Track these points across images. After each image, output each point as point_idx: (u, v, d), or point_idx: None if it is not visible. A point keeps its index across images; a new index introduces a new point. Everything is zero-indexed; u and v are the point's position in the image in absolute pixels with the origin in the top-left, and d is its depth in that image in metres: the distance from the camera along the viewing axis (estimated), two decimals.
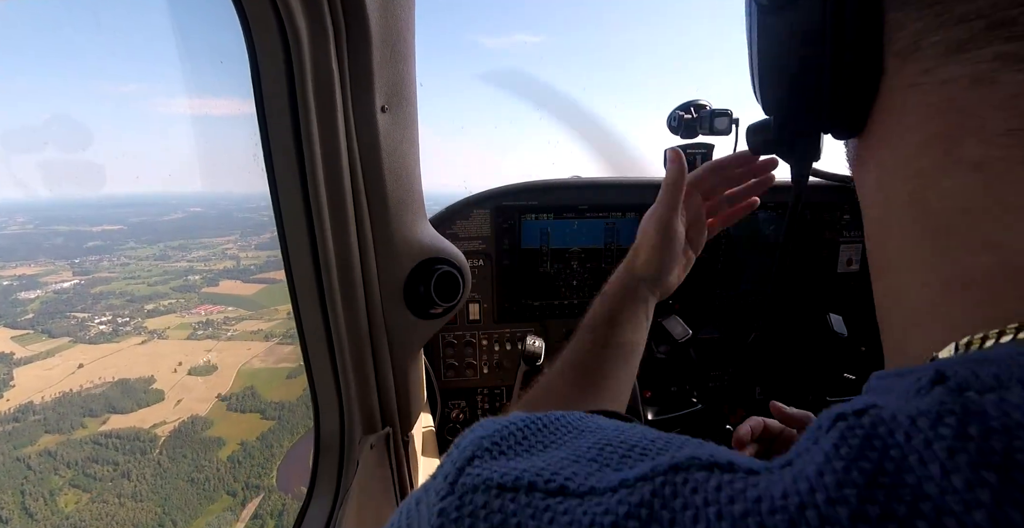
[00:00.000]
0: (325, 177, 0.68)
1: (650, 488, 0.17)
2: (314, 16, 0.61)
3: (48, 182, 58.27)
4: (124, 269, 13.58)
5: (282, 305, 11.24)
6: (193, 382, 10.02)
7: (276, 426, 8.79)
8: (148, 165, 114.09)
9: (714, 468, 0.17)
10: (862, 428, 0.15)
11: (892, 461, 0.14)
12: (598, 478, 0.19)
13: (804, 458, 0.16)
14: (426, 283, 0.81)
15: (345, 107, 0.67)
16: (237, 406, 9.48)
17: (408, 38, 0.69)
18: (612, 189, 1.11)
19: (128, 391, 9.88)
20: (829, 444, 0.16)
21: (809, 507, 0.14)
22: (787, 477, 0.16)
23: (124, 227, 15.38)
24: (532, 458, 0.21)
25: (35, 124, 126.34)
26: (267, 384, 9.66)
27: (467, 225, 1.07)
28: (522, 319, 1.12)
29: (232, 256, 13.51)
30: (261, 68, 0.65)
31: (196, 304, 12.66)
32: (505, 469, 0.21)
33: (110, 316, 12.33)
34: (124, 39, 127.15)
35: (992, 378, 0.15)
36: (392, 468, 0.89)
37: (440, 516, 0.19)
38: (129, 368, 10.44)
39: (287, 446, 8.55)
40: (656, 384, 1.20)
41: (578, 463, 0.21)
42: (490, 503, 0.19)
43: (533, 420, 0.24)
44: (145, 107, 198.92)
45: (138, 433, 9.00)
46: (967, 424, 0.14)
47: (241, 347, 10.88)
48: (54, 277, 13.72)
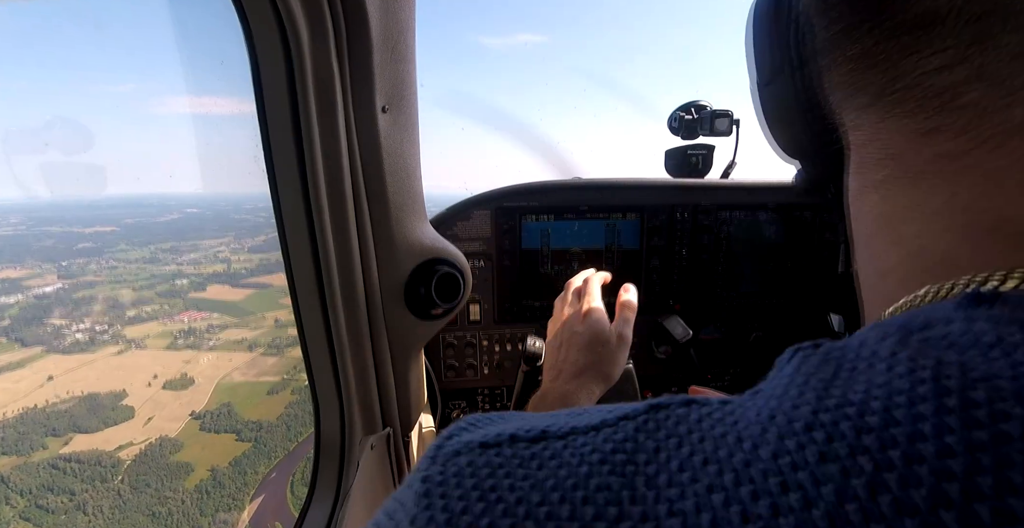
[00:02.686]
0: (325, 178, 0.68)
1: (633, 425, 0.19)
2: (314, 16, 0.61)
3: (44, 182, 57.61)
4: (111, 272, 13.04)
5: (270, 311, 10.89)
6: (167, 398, 9.25)
7: (251, 450, 7.95)
8: (147, 166, 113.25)
9: (691, 404, 0.19)
10: (816, 353, 0.18)
11: (845, 370, 0.16)
12: (577, 420, 0.20)
13: (770, 383, 0.18)
14: (427, 284, 0.80)
15: (346, 108, 0.66)
16: (211, 425, 8.65)
17: (409, 38, 0.69)
18: (613, 190, 1.11)
19: (96, 407, 9.08)
20: (790, 368, 0.18)
21: (778, 414, 0.16)
22: (758, 399, 0.18)
23: (117, 228, 14.98)
24: (510, 422, 0.23)
25: (34, 124, 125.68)
26: (246, 400, 8.90)
27: (468, 226, 1.07)
28: (522, 320, 1.12)
29: (224, 259, 13.07)
30: (261, 68, 0.65)
31: (180, 310, 12.16)
32: (486, 432, 0.21)
33: (89, 323, 11.77)
34: (123, 38, 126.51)
35: (922, 320, 0.18)
36: (392, 469, 0.89)
37: (425, 482, 0.19)
38: (101, 381, 9.64)
39: (262, 472, 7.66)
40: (656, 384, 1.20)
41: (555, 417, 0.22)
42: (474, 462, 0.19)
43: (508, 412, 0.26)
44: (144, 107, 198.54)
45: (100, 457, 8.16)
46: (907, 337, 0.17)
47: (222, 358, 10.18)
48: (38, 280, 13.16)
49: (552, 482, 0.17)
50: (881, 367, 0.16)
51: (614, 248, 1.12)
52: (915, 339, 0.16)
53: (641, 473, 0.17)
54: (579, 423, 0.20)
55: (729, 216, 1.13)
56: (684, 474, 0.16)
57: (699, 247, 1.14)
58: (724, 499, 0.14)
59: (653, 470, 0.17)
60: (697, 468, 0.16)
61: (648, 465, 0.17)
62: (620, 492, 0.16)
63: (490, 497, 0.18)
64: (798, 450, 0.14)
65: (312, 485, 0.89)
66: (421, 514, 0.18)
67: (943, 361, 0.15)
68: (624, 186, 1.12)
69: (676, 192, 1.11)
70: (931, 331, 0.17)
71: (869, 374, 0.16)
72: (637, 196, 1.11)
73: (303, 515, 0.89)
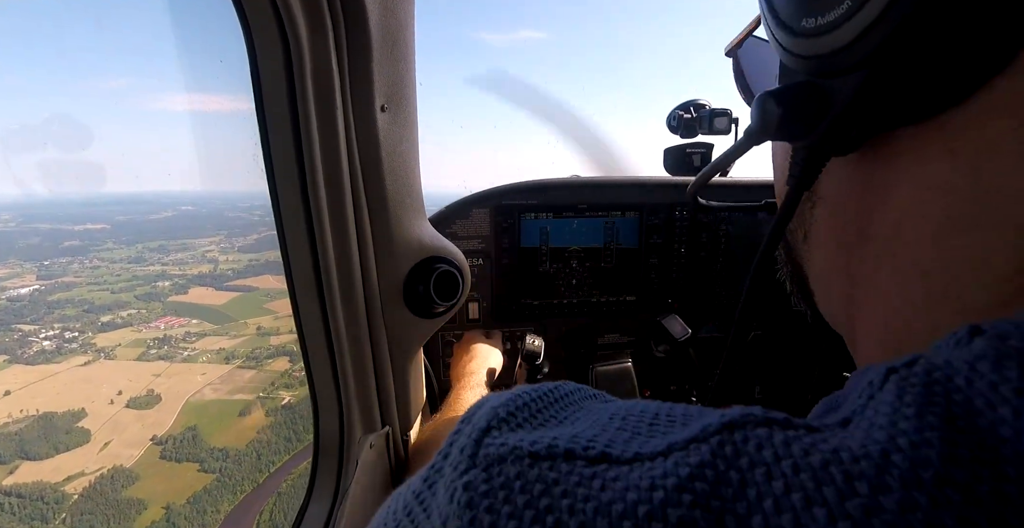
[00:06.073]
0: (324, 176, 0.68)
1: (708, 448, 0.16)
2: (313, 13, 0.60)
3: (39, 179, 56.45)
4: (92, 273, 12.07)
5: (253, 318, 10.15)
6: (129, 418, 8.26)
7: (215, 483, 6.87)
8: (145, 163, 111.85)
9: (772, 424, 0.16)
10: (916, 376, 0.15)
11: (958, 405, 0.14)
12: (639, 444, 0.18)
13: (867, 412, 0.15)
14: (425, 282, 0.80)
15: (345, 106, 0.66)
16: (172, 453, 7.63)
17: (408, 37, 0.69)
18: (611, 188, 1.11)
19: (50, 430, 7.98)
20: (891, 395, 0.15)
21: (894, 452, 0.13)
22: (857, 430, 0.15)
23: (108, 226, 14.34)
24: (555, 429, 0.20)
25: (30, 121, 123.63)
26: (214, 423, 7.92)
27: (466, 224, 1.07)
28: (521, 318, 1.12)
29: (211, 259, 12.36)
30: (260, 67, 0.64)
31: (158, 315, 11.22)
32: (533, 438, 0.19)
33: (58, 330, 10.67)
34: (123, 37, 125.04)
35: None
36: (392, 467, 0.89)
37: (467, 490, 0.17)
38: (61, 397, 8.61)
39: (225, 511, 6.51)
40: (655, 383, 1.20)
41: (607, 432, 0.19)
42: (524, 473, 0.17)
43: (543, 392, 0.23)
44: (143, 105, 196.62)
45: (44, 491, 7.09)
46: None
47: (195, 371, 9.16)
48: (16, 281, 12.09)
49: (620, 507, 0.15)
50: (1006, 412, 0.13)
51: (613, 246, 1.13)
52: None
53: (730, 511, 0.14)
54: (643, 449, 0.17)
55: (728, 215, 1.13)
56: (784, 517, 0.13)
57: (698, 245, 1.14)
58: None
59: (744, 509, 0.14)
60: (799, 509, 0.13)
61: (737, 502, 0.14)
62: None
63: (547, 520, 0.15)
64: (932, 508, 0.12)
65: (311, 483, 0.89)
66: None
67: None
68: (623, 184, 1.12)
69: (675, 190, 1.11)
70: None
71: (994, 417, 0.13)
72: (636, 194, 1.11)
73: (302, 513, 0.89)
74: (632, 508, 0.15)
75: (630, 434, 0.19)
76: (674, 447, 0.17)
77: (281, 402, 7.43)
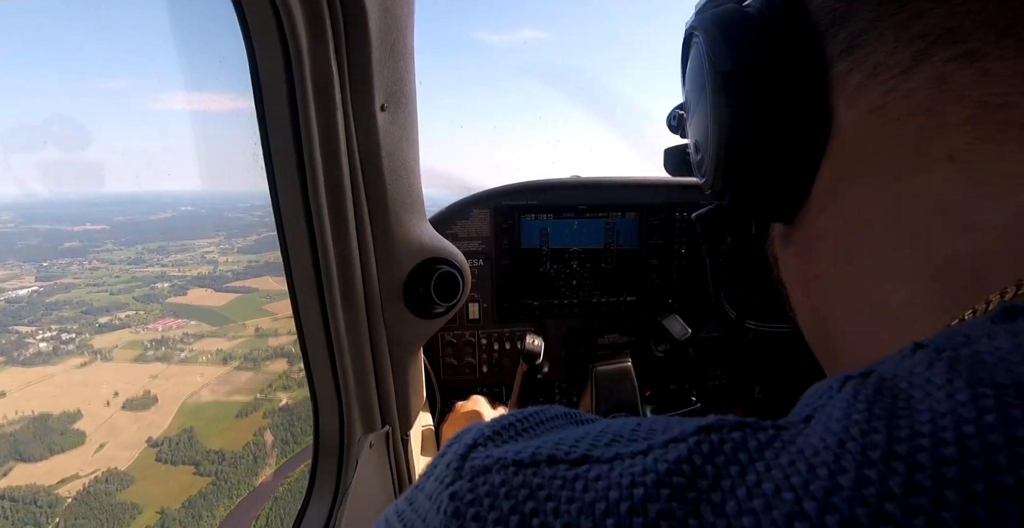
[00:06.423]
0: (325, 176, 0.68)
1: (685, 447, 0.17)
2: (314, 15, 0.60)
3: (39, 179, 56.34)
4: (91, 274, 12.10)
5: (252, 319, 9.86)
6: (125, 420, 8.13)
7: (210, 486, 6.73)
8: (145, 163, 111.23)
9: (744, 427, 0.18)
10: (870, 381, 0.17)
11: (901, 400, 0.16)
12: (620, 446, 0.19)
13: (825, 410, 0.17)
14: (426, 283, 0.80)
15: (344, 106, 0.66)
16: (168, 455, 7.35)
17: (408, 37, 0.69)
18: (612, 189, 1.11)
19: (45, 431, 7.79)
20: (847, 394, 0.17)
21: (848, 441, 0.15)
22: (818, 426, 0.17)
23: (107, 226, 14.31)
24: (540, 439, 0.20)
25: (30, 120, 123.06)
26: (211, 425, 7.83)
27: (467, 225, 1.07)
28: (521, 319, 1.12)
29: (211, 260, 12.36)
30: (260, 67, 0.64)
31: (156, 317, 11.22)
32: (517, 448, 0.19)
33: (56, 331, 10.72)
34: (122, 37, 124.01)
35: (963, 338, 0.17)
36: (392, 467, 0.89)
37: (454, 500, 0.18)
38: (56, 399, 8.34)
39: (221, 515, 6.48)
40: (655, 383, 1.20)
41: (588, 437, 0.20)
42: (509, 480, 0.18)
43: (528, 414, 0.24)
44: (143, 105, 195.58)
45: (37, 494, 6.78)
46: (957, 362, 0.16)
47: (193, 373, 9.42)
48: (15, 282, 12.06)
49: (603, 506, 0.16)
50: (940, 395, 0.15)
51: (613, 247, 1.13)
52: (964, 363, 0.16)
53: (706, 501, 0.15)
54: (623, 450, 0.18)
55: None
56: (755, 501, 0.15)
57: (698, 246, 1.14)
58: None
59: (719, 498, 0.15)
60: (770, 495, 0.15)
61: (712, 492, 0.16)
62: (686, 521, 0.15)
63: (532, 522, 0.16)
64: (881, 481, 0.14)
65: (311, 483, 0.89)
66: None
67: (999, 384, 0.15)
68: (623, 185, 1.12)
69: (675, 191, 1.11)
70: (976, 349, 0.16)
71: (929, 403, 0.15)
72: (636, 195, 1.11)
73: (302, 513, 0.89)
74: (614, 506, 0.16)
75: (612, 438, 0.20)
76: (654, 446, 0.18)
77: (279, 404, 7.37)
